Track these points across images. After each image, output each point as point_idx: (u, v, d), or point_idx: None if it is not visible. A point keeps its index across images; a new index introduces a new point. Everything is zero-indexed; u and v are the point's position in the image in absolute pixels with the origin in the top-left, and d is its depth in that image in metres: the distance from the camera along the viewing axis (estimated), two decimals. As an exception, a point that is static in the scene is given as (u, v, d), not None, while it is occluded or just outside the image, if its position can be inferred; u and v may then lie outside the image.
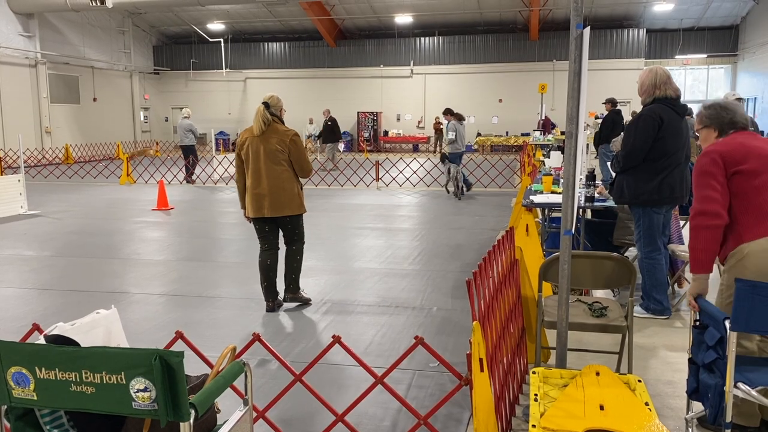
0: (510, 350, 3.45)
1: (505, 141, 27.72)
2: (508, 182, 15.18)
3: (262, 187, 5.15)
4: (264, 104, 5.21)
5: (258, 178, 5.16)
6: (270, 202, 5.15)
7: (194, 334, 4.81)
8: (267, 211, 5.17)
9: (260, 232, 5.35)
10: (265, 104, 5.21)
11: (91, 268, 6.98)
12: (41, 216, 10.74)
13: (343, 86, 30.14)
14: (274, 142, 5.15)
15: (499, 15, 27.19)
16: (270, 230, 5.34)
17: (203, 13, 27.88)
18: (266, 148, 5.14)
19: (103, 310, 2.36)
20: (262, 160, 5.14)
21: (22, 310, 5.46)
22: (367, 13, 27.51)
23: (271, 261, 5.33)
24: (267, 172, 5.14)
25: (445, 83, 29.12)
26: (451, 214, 10.57)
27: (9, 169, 20.34)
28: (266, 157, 5.14)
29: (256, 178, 5.17)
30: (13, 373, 1.96)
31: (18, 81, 22.80)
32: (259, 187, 5.16)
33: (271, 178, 5.14)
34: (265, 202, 5.16)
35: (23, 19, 22.80)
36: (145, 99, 30.72)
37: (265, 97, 5.31)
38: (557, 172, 6.84)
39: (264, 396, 3.65)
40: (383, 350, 4.43)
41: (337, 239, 8.50)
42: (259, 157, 5.15)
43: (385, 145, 30.06)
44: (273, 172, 5.15)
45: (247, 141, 5.20)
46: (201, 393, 2.00)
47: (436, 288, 6.04)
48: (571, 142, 2.96)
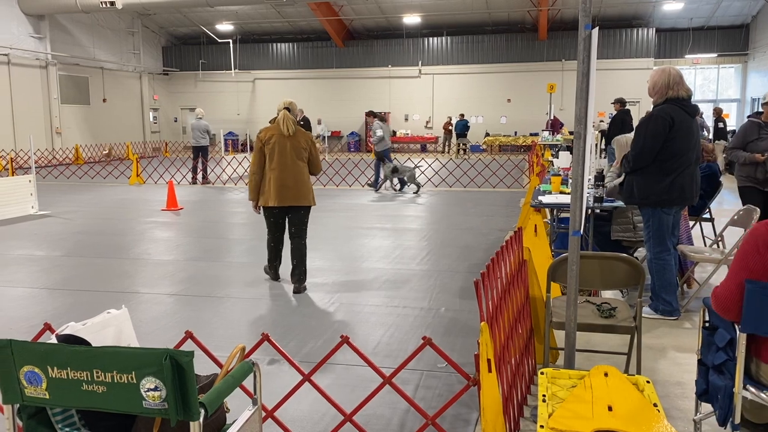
0: (518, 351, 3.45)
1: (513, 141, 27.67)
2: (516, 182, 15.15)
3: (289, 179, 5.79)
4: (287, 109, 5.89)
5: (284, 172, 5.79)
6: (294, 193, 5.81)
7: (203, 333, 4.83)
8: (291, 200, 5.81)
9: (274, 223, 6.00)
10: (287, 109, 5.90)
11: (101, 268, 7.03)
12: (52, 216, 10.81)
13: (351, 86, 30.18)
14: (300, 141, 5.87)
15: (507, 15, 27.14)
16: (281, 222, 6.02)
17: (212, 14, 27.98)
18: (293, 146, 5.83)
19: (114, 310, 2.38)
20: (289, 157, 5.81)
21: (33, 309, 5.50)
22: (375, 13, 27.53)
23: (282, 245, 6.17)
24: (293, 168, 5.82)
25: (454, 83, 29.10)
26: (459, 215, 10.57)
27: (20, 170, 20.49)
28: (293, 154, 5.82)
29: (282, 171, 5.79)
30: (25, 372, 1.98)
31: (29, 82, 22.97)
32: (286, 180, 5.79)
33: (296, 173, 5.83)
34: (289, 193, 5.80)
35: (34, 20, 22.97)
36: (155, 100, 30.87)
37: (285, 102, 5.97)
38: (566, 173, 6.82)
39: (272, 395, 3.67)
40: (391, 350, 4.44)
41: (345, 239, 8.52)
42: (287, 154, 5.80)
43: (393, 145, 30.07)
44: (297, 167, 5.84)
45: (274, 138, 5.80)
46: (211, 392, 2.02)
47: (443, 288, 6.04)
48: (579, 143, 2.96)
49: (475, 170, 17.84)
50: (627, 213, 5.66)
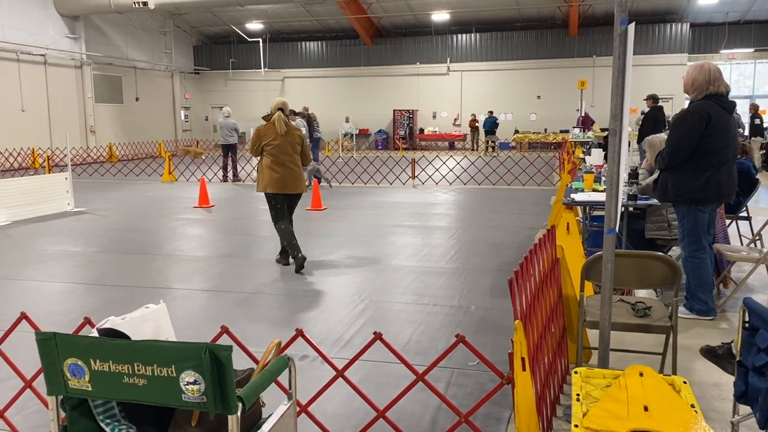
0: (551, 350, 3.43)
1: (543, 138, 27.42)
2: (546, 180, 15.02)
3: (288, 170, 6.63)
4: (280, 110, 6.63)
5: (283, 164, 6.60)
6: (292, 182, 6.66)
7: (236, 328, 4.89)
8: (291, 188, 6.68)
9: (279, 207, 6.78)
10: (280, 110, 6.63)
11: (135, 263, 7.16)
12: (87, 213, 11.04)
13: (379, 84, 30.20)
14: (293, 137, 6.68)
15: (537, 11, 26.88)
16: (283, 205, 6.80)
17: (242, 13, 28.25)
18: (288, 141, 6.64)
19: (152, 305, 2.42)
20: (285, 152, 6.62)
21: (71, 304, 5.63)
22: (403, 10, 27.50)
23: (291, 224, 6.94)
24: (290, 161, 6.64)
25: (482, 80, 28.93)
26: (489, 212, 10.51)
27: (56, 168, 20.97)
28: (289, 149, 6.64)
29: (281, 164, 6.60)
30: (69, 365, 2.03)
31: (64, 82, 23.48)
32: (285, 171, 6.61)
33: (293, 165, 6.67)
34: (289, 182, 6.64)
35: (69, 21, 23.46)
36: (186, 98, 31.30)
37: (279, 103, 6.70)
38: (598, 170, 6.74)
39: (304, 391, 3.70)
40: (421, 348, 4.44)
41: (374, 237, 8.54)
42: (284, 150, 6.61)
43: (421, 143, 30.03)
44: (293, 160, 6.68)
45: (272, 136, 6.59)
46: (248, 387, 2.05)
47: (473, 287, 6.02)
48: (615, 140, 2.92)
49: (504, 167, 17.72)
50: (661, 211, 5.57)
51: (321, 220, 10.04)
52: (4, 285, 6.29)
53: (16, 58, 21.21)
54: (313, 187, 11.31)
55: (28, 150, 21.67)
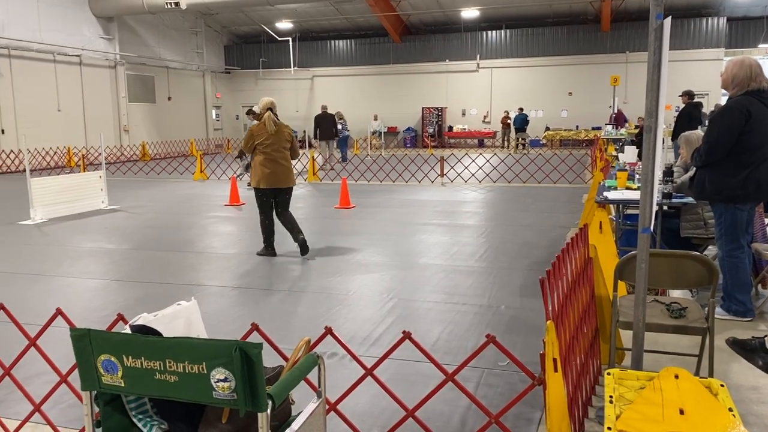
0: (583, 351, 3.38)
1: (575, 135, 27.07)
2: (578, 178, 14.82)
3: (280, 166, 7.05)
4: (269, 109, 7.07)
5: (275, 161, 7.02)
6: (284, 177, 7.09)
7: (266, 326, 4.92)
8: (282, 183, 7.08)
9: (267, 202, 7.19)
10: (270, 109, 7.08)
11: (167, 261, 7.26)
12: (121, 210, 11.24)
13: (408, 82, 30.14)
14: (283, 135, 7.11)
15: (569, 6, 26.53)
16: (271, 201, 7.20)
17: (272, 13, 28.45)
18: (279, 139, 7.06)
19: (183, 302, 2.44)
20: (276, 149, 7.04)
21: (105, 300, 5.73)
22: (432, 7, 27.40)
23: (273, 221, 7.33)
24: (281, 157, 7.06)
25: (513, 77, 28.68)
26: (519, 211, 10.41)
27: (91, 166, 21.40)
28: (279, 146, 7.05)
29: (272, 160, 7.01)
30: (102, 361, 2.06)
31: (99, 82, 23.94)
32: (277, 167, 7.02)
33: (284, 161, 7.10)
34: (281, 177, 7.06)
35: (104, 22, 23.91)
36: (217, 98, 31.65)
37: (267, 103, 7.13)
38: (632, 168, 6.62)
39: (333, 388, 3.70)
40: (450, 348, 4.41)
41: (402, 235, 8.52)
42: (275, 147, 7.03)
43: (450, 141, 29.90)
44: (284, 156, 7.11)
45: (264, 135, 7.02)
46: (278, 384, 2.05)
47: (503, 286, 5.96)
48: (650, 137, 2.86)
49: (535, 165, 17.55)
50: (697, 209, 5.45)
51: (349, 218, 10.06)
52: (41, 281, 6.44)
53: (52, 59, 21.68)
54: (342, 185, 11.33)
55: (64, 149, 22.15)
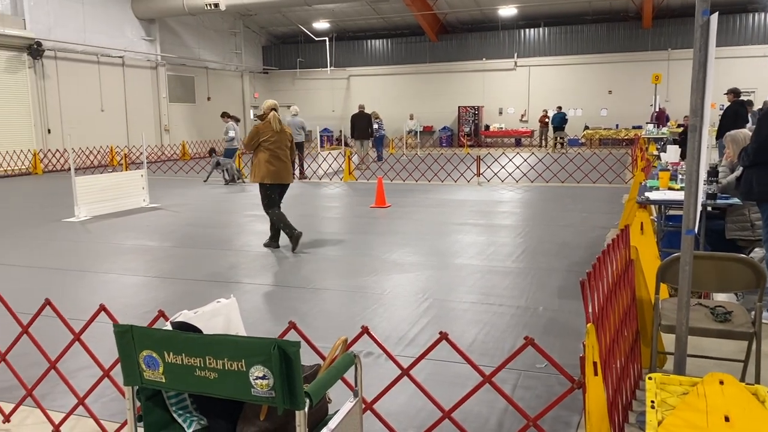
0: (623, 354, 3.31)
1: (614, 134, 26.60)
2: (618, 178, 14.55)
3: (283, 164, 7.48)
4: (273, 110, 7.52)
5: (279, 158, 7.43)
6: (286, 174, 7.52)
7: (302, 324, 4.96)
8: (285, 179, 7.54)
9: (274, 196, 7.60)
10: (273, 110, 7.53)
11: (206, 258, 7.38)
12: (161, 209, 11.46)
13: (445, 81, 30.03)
14: (286, 134, 7.54)
15: (609, 3, 26.08)
16: (277, 194, 7.62)
17: (309, 13, 28.66)
18: (282, 138, 7.48)
19: (223, 299, 2.48)
20: (280, 148, 7.45)
21: (146, 296, 5.85)
22: (470, 6, 27.24)
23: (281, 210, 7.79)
24: (284, 155, 7.48)
25: (551, 75, 28.32)
26: (557, 211, 10.28)
27: (133, 165, 21.88)
28: (282, 144, 7.47)
29: (277, 158, 7.41)
30: (144, 356, 2.10)
31: (141, 82, 24.47)
32: (280, 164, 7.45)
33: (286, 159, 7.51)
34: (284, 174, 7.49)
35: (146, 24, 24.42)
36: (255, 98, 32.03)
37: (271, 104, 7.58)
38: (674, 168, 6.47)
39: (368, 388, 3.71)
40: (487, 349, 4.38)
41: (438, 235, 8.49)
42: (279, 145, 7.43)
43: (486, 140, 29.68)
44: (286, 154, 7.53)
45: (270, 133, 7.38)
46: (315, 383, 2.06)
47: (541, 287, 5.89)
48: (694, 136, 2.79)
49: (573, 165, 17.30)
50: (743, 210, 5.30)
51: (385, 217, 10.07)
52: (85, 277, 6.61)
53: (96, 60, 22.24)
54: (378, 185, 11.34)
55: (106, 148, 22.70)
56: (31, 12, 19.57)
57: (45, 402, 3.62)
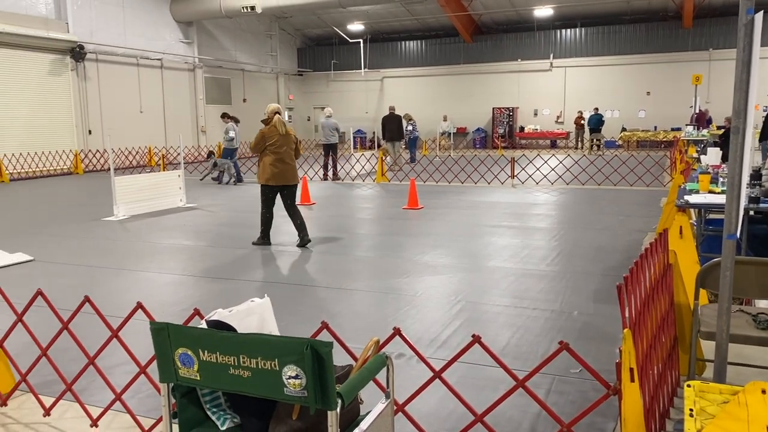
0: (661, 360, 3.24)
1: (653, 136, 26.10)
2: (656, 180, 14.27)
3: (288, 166, 7.70)
4: (277, 113, 7.71)
5: (283, 161, 7.66)
6: (291, 175, 7.75)
7: (334, 324, 4.98)
8: (290, 180, 7.75)
9: (272, 198, 7.89)
10: (277, 113, 7.72)
11: (241, 257, 7.46)
12: (197, 209, 11.64)
13: (479, 82, 29.86)
14: (290, 136, 7.76)
15: (648, 3, 25.61)
16: (275, 197, 7.89)
17: (344, 15, 28.79)
18: (288, 140, 7.72)
19: (257, 299, 2.50)
20: (285, 149, 7.67)
21: (182, 295, 5.95)
22: (505, 7, 27.03)
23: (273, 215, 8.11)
24: (289, 157, 7.73)
25: (587, 76, 27.93)
26: (593, 214, 10.12)
27: (170, 165, 22.27)
28: (288, 146, 7.71)
29: (281, 160, 7.64)
30: (180, 354, 2.13)
31: (178, 84, 24.90)
32: (285, 166, 7.68)
33: (290, 160, 7.74)
34: (289, 175, 7.72)
35: (183, 27, 24.85)
36: (290, 99, 32.31)
37: (275, 108, 7.77)
38: (715, 170, 6.31)
39: (400, 389, 3.70)
40: (520, 353, 4.33)
41: (472, 237, 8.44)
42: (284, 148, 7.67)
43: (521, 141, 29.41)
44: (291, 156, 7.76)
45: (275, 137, 7.62)
46: (347, 383, 2.06)
47: (576, 291, 5.81)
48: (737, 138, 2.71)
49: (610, 167, 17.02)
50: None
51: (417, 219, 10.05)
52: (123, 275, 6.75)
53: (136, 62, 22.71)
54: (411, 186, 11.33)
55: (145, 148, 23.15)
56: (74, 16, 20.09)
57: (84, 397, 3.70)
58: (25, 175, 18.64)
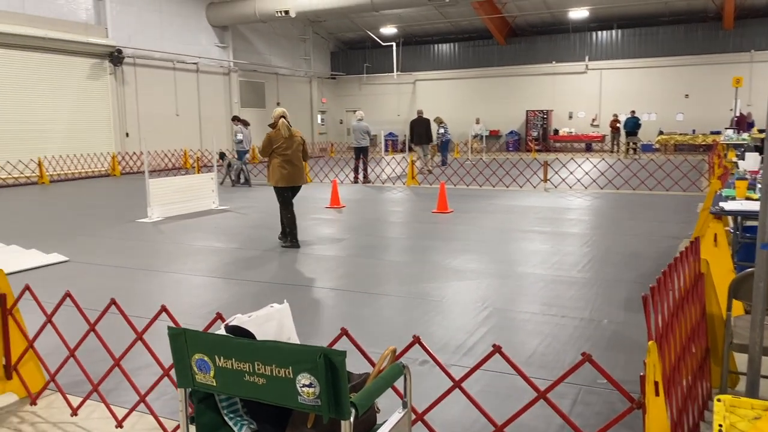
0: (690, 372, 3.14)
1: (691, 140, 25.52)
2: (693, 185, 13.93)
3: (295, 167, 8.01)
4: (282, 117, 8.00)
5: (291, 162, 7.97)
6: (298, 176, 8.06)
7: (358, 329, 4.97)
8: (297, 181, 8.07)
9: (287, 198, 8.18)
10: (283, 117, 8.01)
11: (270, 260, 7.51)
12: (230, 211, 11.77)
13: (512, 84, 29.62)
14: (297, 139, 8.05)
15: (687, 4, 25.08)
16: (290, 196, 8.19)
17: (377, 18, 28.87)
18: (294, 142, 8.02)
19: (276, 304, 2.50)
20: (292, 152, 7.97)
21: (210, 297, 6.01)
22: (540, 8, 26.77)
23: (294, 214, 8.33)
24: (297, 158, 8.02)
25: (624, 78, 27.48)
26: (627, 219, 9.93)
27: (204, 168, 22.59)
28: (295, 148, 8.02)
29: (289, 161, 7.94)
30: (197, 360, 2.14)
31: (213, 88, 25.27)
32: (293, 168, 7.98)
33: (297, 162, 8.04)
34: (296, 177, 8.04)
35: (219, 31, 25.22)
36: (323, 103, 32.52)
37: (281, 112, 8.06)
38: (753, 176, 6.12)
39: (422, 397, 3.67)
40: (547, 362, 4.25)
41: (502, 242, 8.35)
42: (291, 150, 7.96)
43: (555, 145, 29.06)
44: (298, 158, 8.05)
45: (281, 140, 7.93)
46: (362, 393, 2.04)
47: (606, 299, 5.69)
48: (772, 145, 2.62)
49: (646, 171, 16.69)
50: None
51: (446, 223, 9.99)
52: (154, 276, 6.85)
53: (172, 66, 23.12)
54: (440, 189, 11.27)
55: (180, 151, 23.54)
56: (113, 21, 20.56)
57: (110, 397, 3.76)
58: (64, 176, 19.12)
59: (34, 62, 18.29)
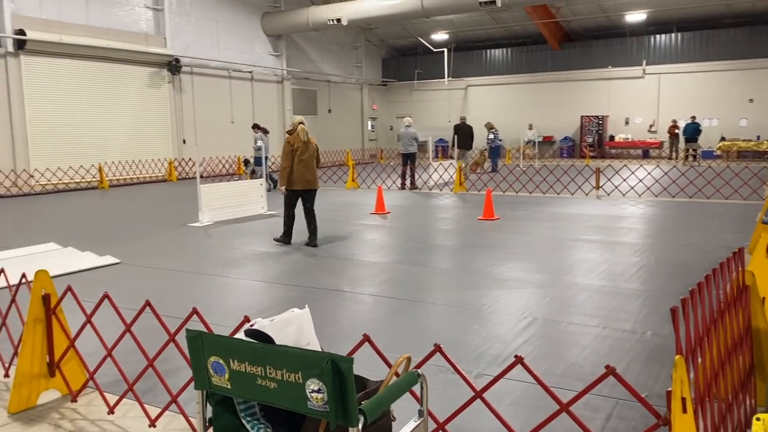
0: (732, 388, 3.00)
1: (755, 146, 24.49)
2: (755, 193, 13.35)
3: (310, 171, 8.47)
4: (301, 123, 8.45)
5: (306, 166, 8.42)
6: (313, 180, 8.51)
7: (393, 336, 4.95)
8: (312, 185, 8.50)
9: (295, 201, 8.68)
10: (302, 123, 8.45)
11: (312, 265, 7.58)
12: (277, 216, 11.95)
13: (566, 90, 29.07)
14: (312, 145, 8.52)
15: (751, 5, 24.11)
16: (297, 199, 8.65)
17: (429, 25, 28.87)
18: (310, 148, 8.49)
19: (296, 309, 2.51)
20: (308, 157, 8.43)
21: (252, 300, 6.11)
22: (595, 12, 26.23)
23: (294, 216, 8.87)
24: (310, 164, 8.47)
25: (683, 83, 26.59)
26: (681, 228, 9.58)
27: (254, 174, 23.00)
28: (310, 154, 8.47)
29: (305, 166, 8.41)
30: (212, 362, 2.17)
31: (267, 95, 25.76)
32: (307, 172, 8.43)
33: (312, 167, 8.49)
34: (311, 180, 8.48)
35: (273, 40, 25.71)
36: (373, 109, 32.69)
37: (300, 120, 8.52)
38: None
39: (446, 406, 3.62)
40: (584, 374, 4.13)
41: (547, 251, 8.19)
42: (307, 155, 8.42)
43: (611, 151, 28.35)
44: (312, 163, 8.51)
45: (298, 145, 8.38)
46: (372, 400, 2.03)
47: (652, 310, 5.50)
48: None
49: (703, 179, 16.09)
50: None
51: (492, 230, 9.86)
52: (201, 279, 7.00)
53: (228, 75, 23.69)
54: (487, 196, 11.14)
55: (235, 158, 24.07)
56: (171, 31, 21.22)
57: (146, 397, 3.85)
58: (123, 181, 19.82)
59: (96, 71, 19.05)
